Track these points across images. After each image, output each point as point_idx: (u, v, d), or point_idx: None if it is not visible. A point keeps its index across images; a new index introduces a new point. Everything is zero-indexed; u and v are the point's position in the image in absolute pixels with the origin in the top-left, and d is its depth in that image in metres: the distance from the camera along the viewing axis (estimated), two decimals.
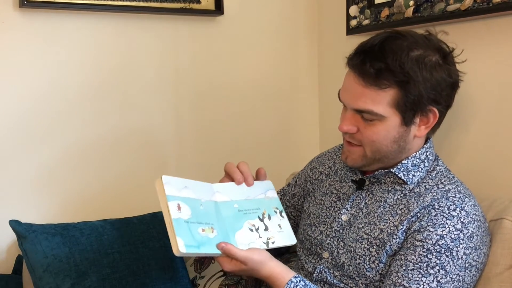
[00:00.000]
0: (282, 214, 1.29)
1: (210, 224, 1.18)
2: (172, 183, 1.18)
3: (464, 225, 1.14)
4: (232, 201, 1.26)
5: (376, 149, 1.22)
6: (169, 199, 1.15)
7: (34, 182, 1.69)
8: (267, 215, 1.27)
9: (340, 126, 1.24)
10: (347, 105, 1.24)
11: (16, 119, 1.65)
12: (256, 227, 1.24)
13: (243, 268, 1.16)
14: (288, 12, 1.97)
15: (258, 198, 1.29)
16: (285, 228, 1.27)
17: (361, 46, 1.21)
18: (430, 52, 1.18)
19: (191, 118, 1.87)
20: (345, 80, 1.24)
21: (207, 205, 1.22)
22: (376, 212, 1.24)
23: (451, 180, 1.23)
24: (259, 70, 1.95)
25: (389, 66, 1.15)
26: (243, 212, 1.25)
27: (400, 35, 1.20)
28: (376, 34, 1.22)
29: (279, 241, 1.25)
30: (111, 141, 1.77)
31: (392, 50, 1.16)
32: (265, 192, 1.31)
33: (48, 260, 1.50)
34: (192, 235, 1.13)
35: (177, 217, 1.13)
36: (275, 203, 1.30)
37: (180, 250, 1.09)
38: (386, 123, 1.19)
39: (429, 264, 1.12)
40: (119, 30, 1.74)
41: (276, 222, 1.27)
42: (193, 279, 1.66)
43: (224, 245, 1.15)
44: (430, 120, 1.21)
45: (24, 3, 1.59)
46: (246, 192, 1.29)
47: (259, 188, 1.31)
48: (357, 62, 1.19)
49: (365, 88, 1.18)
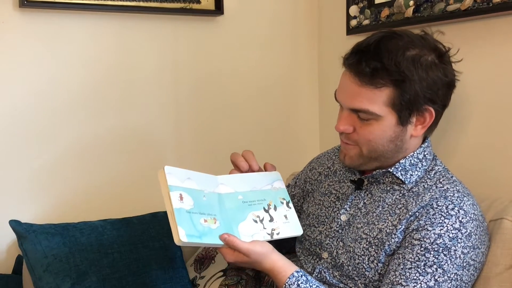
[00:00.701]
0: (289, 205, 1.29)
1: (213, 215, 1.18)
2: (175, 173, 1.19)
3: (462, 224, 1.14)
4: (236, 192, 1.26)
5: (373, 148, 1.22)
6: (171, 189, 1.16)
7: (34, 182, 1.69)
8: (273, 205, 1.27)
9: (336, 126, 1.25)
10: (343, 104, 1.24)
11: (16, 119, 1.65)
12: (261, 218, 1.23)
13: (245, 260, 1.17)
14: (288, 12, 1.97)
15: (264, 189, 1.29)
16: (291, 219, 1.27)
17: (357, 46, 1.21)
18: (426, 52, 1.18)
19: (190, 118, 1.87)
20: (341, 80, 1.24)
21: (210, 197, 1.22)
22: (375, 212, 1.24)
23: (450, 180, 1.23)
24: (259, 70, 1.95)
25: (384, 65, 1.15)
26: (248, 204, 1.25)
27: (396, 34, 1.20)
28: (372, 34, 1.22)
29: (285, 232, 1.24)
30: (111, 140, 1.77)
31: (388, 50, 1.16)
32: (272, 183, 1.31)
33: (48, 260, 1.50)
34: (193, 225, 1.13)
35: (178, 207, 1.14)
36: (282, 193, 1.30)
37: (181, 239, 1.09)
38: (382, 122, 1.19)
39: (427, 263, 1.12)
40: (119, 30, 1.74)
41: (282, 213, 1.27)
42: (193, 279, 1.66)
43: (226, 236, 1.15)
44: (427, 119, 1.21)
45: (24, 3, 1.59)
46: (252, 183, 1.29)
47: (266, 178, 1.31)
48: (353, 62, 1.19)
49: (361, 88, 1.18)
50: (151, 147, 1.83)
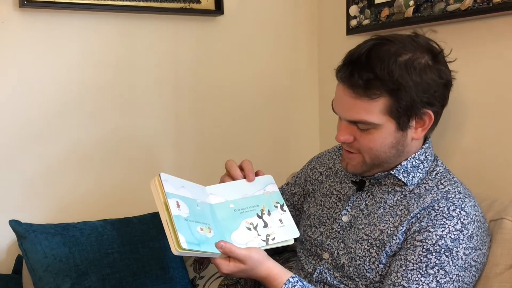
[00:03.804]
0: (284, 208, 1.27)
1: (207, 224, 1.18)
2: (170, 181, 1.18)
3: (464, 225, 1.14)
4: (227, 201, 1.25)
5: (375, 156, 1.22)
6: (169, 196, 1.14)
7: (34, 182, 1.69)
8: (266, 211, 1.25)
9: (336, 136, 1.24)
10: (340, 116, 1.23)
11: (16, 119, 1.65)
12: (255, 225, 1.22)
13: (241, 268, 1.16)
14: (288, 12, 1.97)
15: (257, 195, 1.27)
16: (286, 222, 1.25)
17: (349, 57, 1.20)
18: (418, 55, 1.17)
19: (190, 118, 1.87)
20: (336, 92, 1.23)
21: (203, 206, 1.21)
22: (376, 213, 1.24)
23: (451, 181, 1.23)
24: (259, 70, 1.95)
25: (377, 75, 1.14)
26: (240, 211, 1.24)
27: (387, 40, 1.18)
28: (364, 42, 1.20)
29: (280, 237, 1.23)
30: (111, 141, 1.77)
31: (379, 58, 1.14)
32: (265, 188, 1.29)
33: (48, 260, 1.50)
34: (191, 233, 1.12)
35: (177, 214, 1.12)
36: (275, 197, 1.28)
37: (182, 246, 1.07)
38: (381, 130, 1.18)
39: (429, 264, 1.12)
40: (119, 30, 1.74)
41: (277, 217, 1.25)
42: (192, 279, 1.66)
43: (223, 243, 1.14)
44: (426, 122, 1.20)
45: (24, 3, 1.59)
46: (244, 190, 1.27)
47: (258, 184, 1.29)
48: (345, 75, 1.17)
49: (356, 100, 1.17)
50: (151, 147, 1.83)
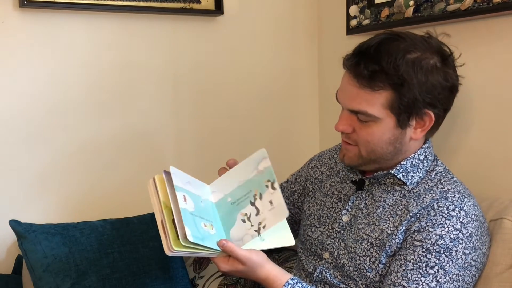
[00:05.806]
0: (274, 185, 1.22)
1: (210, 222, 1.18)
2: (178, 175, 1.19)
3: (463, 225, 1.14)
4: (226, 196, 1.25)
5: (371, 150, 1.22)
6: (177, 189, 1.15)
7: (34, 182, 1.69)
8: (258, 194, 1.23)
9: (336, 125, 1.25)
10: (342, 105, 1.24)
11: (16, 119, 1.65)
12: (248, 215, 1.22)
13: (239, 269, 1.16)
14: (288, 12, 1.97)
15: (250, 178, 1.25)
16: (276, 202, 1.21)
17: (359, 47, 1.21)
18: (428, 55, 1.17)
19: (191, 118, 1.87)
20: (342, 80, 1.24)
21: (206, 204, 1.22)
22: (376, 213, 1.24)
23: (451, 181, 1.23)
24: (259, 70, 1.95)
25: (383, 68, 1.15)
26: (236, 204, 1.24)
27: (399, 36, 1.19)
28: (376, 35, 1.22)
29: (271, 222, 1.19)
30: (111, 140, 1.77)
31: (387, 52, 1.15)
32: (258, 166, 1.25)
33: (48, 260, 1.50)
34: (197, 227, 1.13)
35: (184, 207, 1.13)
36: (267, 175, 1.24)
37: (188, 238, 1.08)
38: (380, 124, 1.19)
39: (428, 264, 1.12)
40: (119, 30, 1.74)
41: (267, 199, 1.22)
42: (192, 279, 1.66)
43: (224, 242, 1.15)
44: (426, 123, 1.20)
45: (24, 3, 1.58)
46: (239, 176, 1.25)
47: (252, 162, 1.25)
48: (352, 63, 1.19)
49: (359, 89, 1.18)
50: (151, 147, 1.83)
